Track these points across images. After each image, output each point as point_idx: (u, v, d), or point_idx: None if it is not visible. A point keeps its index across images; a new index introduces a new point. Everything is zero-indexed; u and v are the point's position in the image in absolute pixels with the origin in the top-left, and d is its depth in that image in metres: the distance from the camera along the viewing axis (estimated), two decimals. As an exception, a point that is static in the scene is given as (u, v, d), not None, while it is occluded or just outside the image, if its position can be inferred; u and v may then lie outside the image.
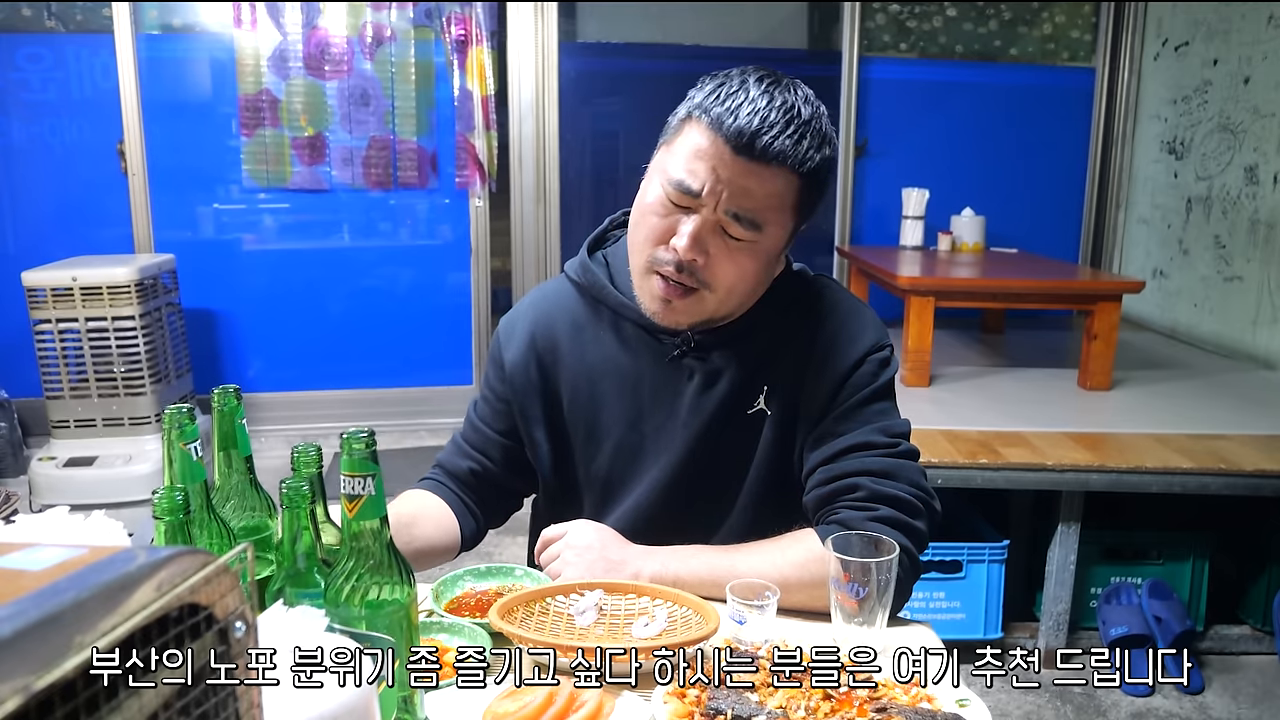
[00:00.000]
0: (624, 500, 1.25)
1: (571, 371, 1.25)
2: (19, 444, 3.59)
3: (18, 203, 3.74)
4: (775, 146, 1.05)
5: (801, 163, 1.07)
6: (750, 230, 1.09)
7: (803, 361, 1.19)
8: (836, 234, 4.24)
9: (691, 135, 1.09)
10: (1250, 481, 2.25)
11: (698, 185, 1.07)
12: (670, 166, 1.10)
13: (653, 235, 1.12)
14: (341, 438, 0.80)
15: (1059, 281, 2.99)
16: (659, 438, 1.23)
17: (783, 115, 1.06)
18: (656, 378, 1.22)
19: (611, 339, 1.24)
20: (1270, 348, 3.27)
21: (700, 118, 1.08)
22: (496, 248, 4.12)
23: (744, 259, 1.11)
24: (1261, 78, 3.37)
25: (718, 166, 1.06)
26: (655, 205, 1.12)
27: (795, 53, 4.37)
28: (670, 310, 1.14)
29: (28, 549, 0.46)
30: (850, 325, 1.21)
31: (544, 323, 1.27)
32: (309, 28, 3.74)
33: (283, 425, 3.96)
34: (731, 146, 1.05)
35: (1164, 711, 2.25)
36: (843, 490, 1.15)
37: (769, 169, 1.06)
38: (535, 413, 1.27)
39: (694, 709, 0.87)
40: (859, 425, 1.17)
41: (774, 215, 1.10)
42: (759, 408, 1.20)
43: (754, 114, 1.05)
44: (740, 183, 1.07)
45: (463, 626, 1.05)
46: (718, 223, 1.09)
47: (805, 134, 1.07)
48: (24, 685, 0.35)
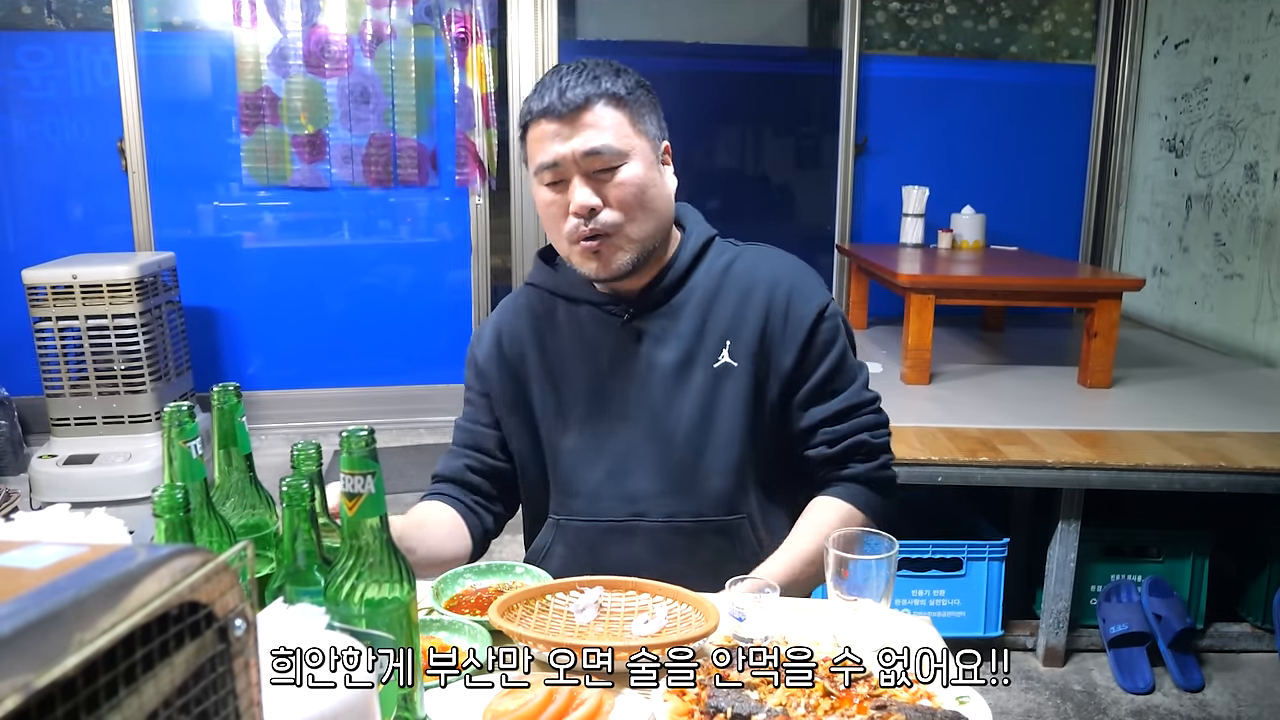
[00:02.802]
0: (602, 463, 1.32)
1: (536, 356, 1.36)
2: (19, 442, 3.59)
3: (18, 201, 3.74)
4: (584, 92, 1.21)
5: (609, 89, 1.22)
6: (615, 157, 1.22)
7: (761, 317, 1.30)
8: (836, 232, 4.24)
9: (531, 137, 1.26)
10: (1250, 479, 2.25)
11: (553, 157, 1.22)
12: (535, 167, 1.26)
13: (556, 219, 1.26)
14: (341, 436, 0.80)
15: (1059, 279, 2.98)
16: (624, 400, 1.32)
17: (571, 72, 1.24)
18: (613, 346, 1.32)
19: (568, 322, 1.35)
20: (1270, 345, 3.27)
21: (529, 122, 1.26)
22: (496, 245, 4.12)
23: (625, 182, 1.23)
24: (1262, 75, 3.36)
25: (557, 136, 1.22)
26: (545, 201, 1.27)
27: (795, 50, 4.37)
28: (601, 260, 1.25)
29: (28, 547, 0.46)
30: (801, 284, 1.33)
31: (508, 321, 1.40)
32: (309, 25, 3.74)
33: (283, 423, 3.96)
34: (555, 117, 1.22)
35: (1164, 709, 2.26)
36: (852, 449, 1.31)
37: (589, 112, 1.21)
38: (508, 398, 1.37)
39: (694, 707, 0.87)
40: (848, 383, 1.33)
41: (622, 141, 1.23)
42: (724, 361, 1.30)
43: (551, 86, 1.23)
44: (579, 134, 1.21)
45: (463, 624, 1.05)
46: (587, 170, 1.22)
47: (597, 73, 1.23)
48: (24, 683, 0.35)
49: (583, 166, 1.22)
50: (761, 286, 1.31)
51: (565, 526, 1.34)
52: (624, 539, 1.30)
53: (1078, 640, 2.48)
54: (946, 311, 3.13)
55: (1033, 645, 2.49)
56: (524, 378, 1.36)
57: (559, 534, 1.35)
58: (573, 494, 1.33)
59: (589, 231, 1.23)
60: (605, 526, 1.31)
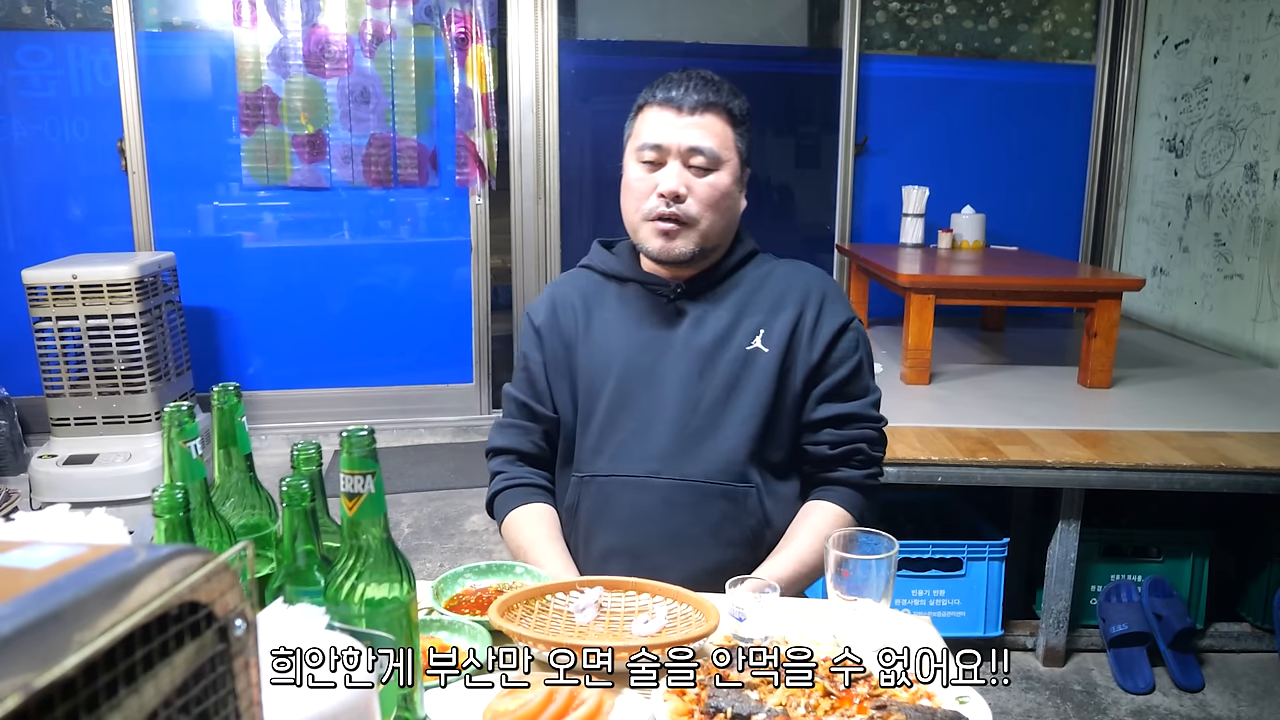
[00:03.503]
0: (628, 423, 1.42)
1: (584, 325, 1.49)
2: (19, 442, 3.60)
3: (18, 200, 3.74)
4: (707, 98, 1.38)
5: (728, 104, 1.39)
6: (712, 159, 1.38)
7: (795, 314, 1.44)
8: (837, 232, 4.24)
9: (646, 117, 1.41)
10: (1250, 479, 2.25)
11: (662, 139, 1.38)
12: (636, 145, 1.41)
13: (640, 195, 1.40)
14: (341, 436, 0.80)
15: (1059, 279, 2.98)
16: (657, 367, 1.44)
17: (703, 80, 1.41)
18: (653, 319, 1.46)
19: (616, 299, 1.50)
20: (1270, 345, 3.27)
21: (649, 104, 1.41)
22: (496, 245, 4.12)
23: (714, 185, 1.39)
24: (1262, 75, 3.36)
25: (672, 125, 1.38)
26: (636, 177, 1.41)
27: (795, 50, 4.37)
28: (669, 242, 1.39)
29: (28, 547, 0.46)
30: (833, 296, 1.49)
31: (563, 292, 1.53)
32: (309, 25, 3.74)
33: (282, 423, 3.96)
34: (675, 108, 1.38)
35: (1164, 709, 2.26)
36: (850, 454, 1.44)
37: (709, 115, 1.38)
38: (557, 361, 1.49)
39: (694, 707, 0.87)
40: (861, 393, 1.46)
41: (724, 150, 1.39)
42: (756, 345, 1.42)
43: (682, 82, 1.39)
44: (692, 130, 1.38)
45: (463, 624, 1.05)
46: (685, 161, 1.38)
47: (722, 88, 1.41)
48: (24, 683, 0.35)
49: (684, 157, 1.37)
50: (797, 290, 1.46)
51: (588, 483, 1.44)
52: (638, 493, 1.40)
53: (1078, 640, 2.48)
54: (946, 311, 3.13)
55: (1033, 645, 2.49)
56: (572, 344, 1.48)
57: (583, 490, 1.44)
58: (599, 451, 1.43)
59: (668, 214, 1.37)
60: (622, 480, 1.41)
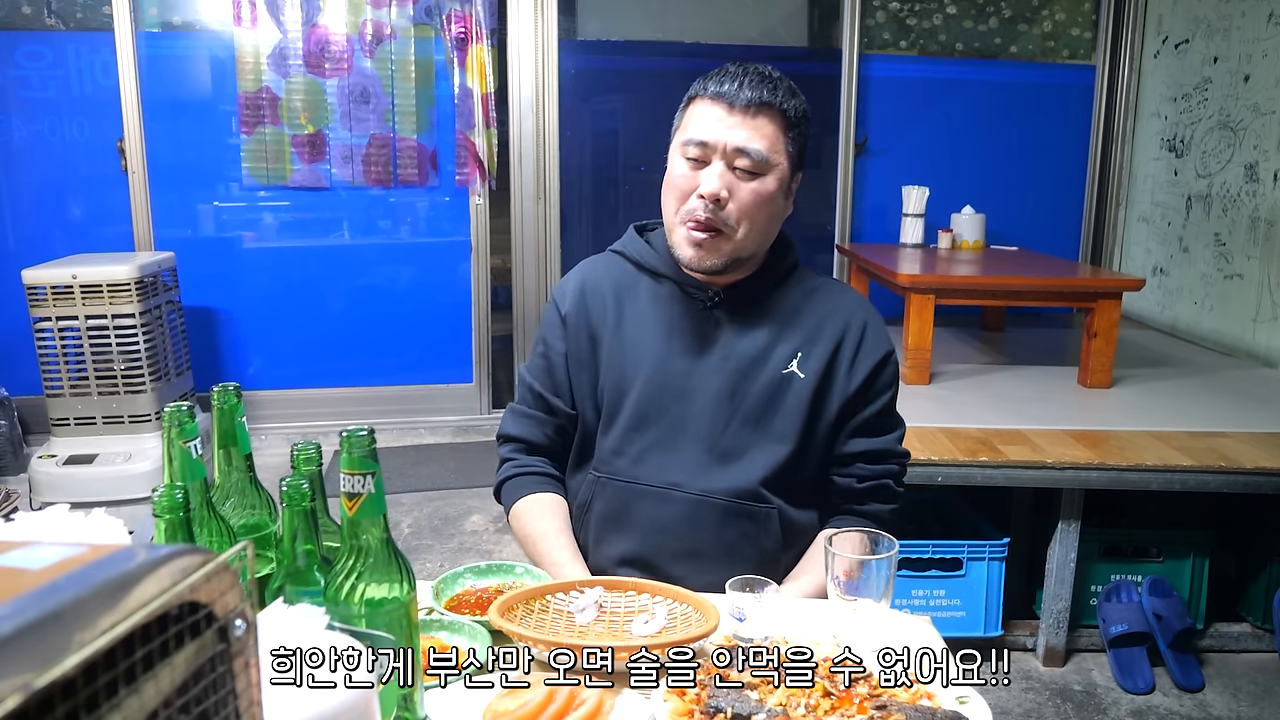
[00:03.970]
0: (653, 431, 1.38)
1: (613, 318, 1.43)
2: (19, 442, 3.59)
3: (18, 200, 3.74)
4: (761, 97, 1.29)
5: (782, 105, 1.30)
6: (759, 163, 1.29)
7: (835, 340, 1.39)
8: (837, 232, 4.24)
9: (696, 110, 1.33)
10: (1250, 479, 2.25)
11: (709, 136, 1.29)
12: (685, 138, 1.32)
13: (681, 194, 1.33)
14: (341, 436, 0.80)
15: (1059, 279, 2.98)
16: (688, 377, 1.38)
17: (759, 77, 1.31)
18: (688, 325, 1.39)
19: (649, 295, 1.43)
20: (1270, 345, 3.27)
21: (699, 96, 1.33)
22: (496, 245, 4.12)
23: (758, 191, 1.31)
24: (1262, 75, 3.36)
25: (720, 122, 1.30)
26: (678, 173, 1.33)
27: (795, 50, 4.37)
28: (701, 251, 1.32)
29: (28, 547, 0.46)
30: (875, 326, 1.43)
31: (592, 279, 1.46)
32: (309, 25, 3.74)
33: (282, 423, 3.96)
34: (726, 105, 1.29)
35: (1164, 709, 2.26)
36: (877, 490, 1.42)
37: (761, 116, 1.29)
38: (584, 355, 1.43)
39: (694, 707, 0.87)
40: (892, 429, 1.43)
41: (773, 154, 1.30)
42: (792, 370, 1.37)
43: (739, 77, 1.30)
44: (741, 130, 1.29)
45: (463, 624, 1.05)
46: (731, 163, 1.30)
47: (779, 87, 1.31)
48: (24, 683, 0.35)
49: (729, 158, 1.29)
50: (839, 317, 1.40)
51: (606, 484, 1.40)
52: (657, 504, 1.36)
53: (1078, 640, 2.48)
54: (946, 311, 3.13)
55: (1033, 645, 2.49)
56: (598, 337, 1.42)
57: (598, 489, 1.40)
58: (619, 453, 1.39)
59: (704, 221, 1.30)
60: (643, 489, 1.37)
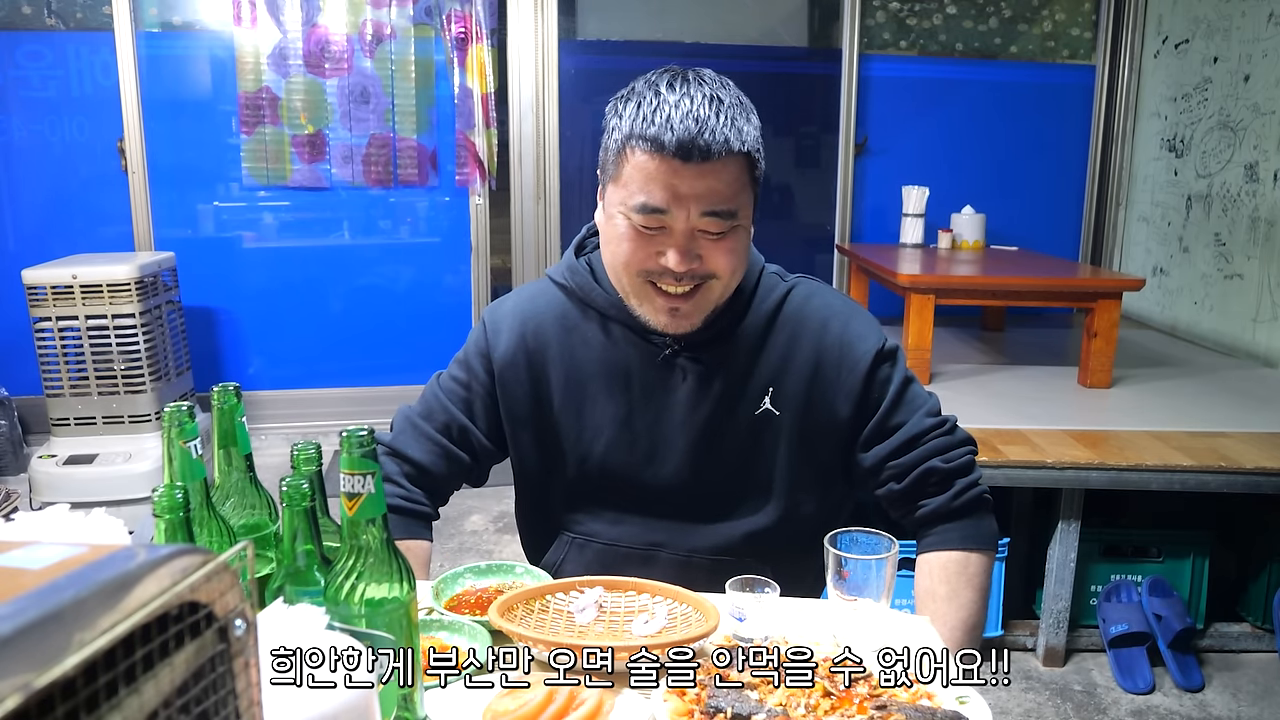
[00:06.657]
0: (629, 492, 1.26)
1: (561, 370, 1.25)
2: (19, 442, 3.59)
3: (18, 200, 3.74)
4: (718, 140, 1.07)
5: (743, 141, 1.10)
6: (728, 220, 1.11)
7: (811, 365, 1.22)
8: (836, 232, 4.24)
9: (635, 163, 1.10)
10: (1250, 479, 2.25)
11: (662, 202, 1.09)
12: (627, 199, 1.11)
13: (635, 259, 1.14)
14: (341, 436, 0.80)
15: (1059, 279, 2.98)
16: (655, 437, 1.24)
17: (710, 108, 1.07)
18: (647, 377, 1.23)
19: (600, 339, 1.24)
20: (1270, 345, 3.27)
21: (636, 145, 1.09)
22: (496, 245, 4.12)
23: (732, 243, 1.14)
24: (1262, 75, 3.36)
25: (675, 181, 1.08)
26: (626, 235, 1.13)
27: (795, 50, 4.37)
28: (678, 317, 1.16)
29: (28, 547, 0.46)
30: (853, 327, 1.25)
31: (533, 322, 1.27)
32: (309, 25, 3.74)
33: (282, 423, 3.96)
34: (680, 159, 1.07)
35: (1164, 709, 2.26)
36: (921, 479, 1.21)
37: (720, 162, 1.08)
38: (523, 413, 1.27)
39: (694, 707, 0.87)
40: (910, 415, 1.23)
41: (740, 198, 1.12)
42: (765, 408, 1.21)
43: (686, 118, 1.06)
44: (702, 185, 1.08)
45: (463, 624, 1.05)
46: (694, 228, 1.11)
47: (734, 115, 1.09)
48: (24, 683, 0.35)
49: (694, 223, 1.10)
50: (810, 331, 1.22)
51: (583, 546, 1.29)
52: (641, 565, 1.25)
53: (1078, 640, 2.48)
54: (946, 311, 3.13)
55: (1033, 645, 2.49)
56: (545, 393, 1.25)
57: (574, 550, 1.30)
58: (592, 515, 1.28)
59: (674, 287, 1.13)
60: (625, 551, 1.27)
